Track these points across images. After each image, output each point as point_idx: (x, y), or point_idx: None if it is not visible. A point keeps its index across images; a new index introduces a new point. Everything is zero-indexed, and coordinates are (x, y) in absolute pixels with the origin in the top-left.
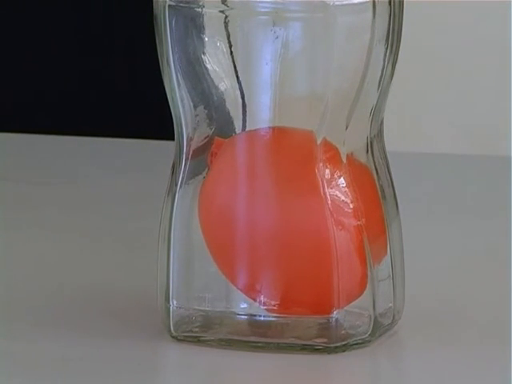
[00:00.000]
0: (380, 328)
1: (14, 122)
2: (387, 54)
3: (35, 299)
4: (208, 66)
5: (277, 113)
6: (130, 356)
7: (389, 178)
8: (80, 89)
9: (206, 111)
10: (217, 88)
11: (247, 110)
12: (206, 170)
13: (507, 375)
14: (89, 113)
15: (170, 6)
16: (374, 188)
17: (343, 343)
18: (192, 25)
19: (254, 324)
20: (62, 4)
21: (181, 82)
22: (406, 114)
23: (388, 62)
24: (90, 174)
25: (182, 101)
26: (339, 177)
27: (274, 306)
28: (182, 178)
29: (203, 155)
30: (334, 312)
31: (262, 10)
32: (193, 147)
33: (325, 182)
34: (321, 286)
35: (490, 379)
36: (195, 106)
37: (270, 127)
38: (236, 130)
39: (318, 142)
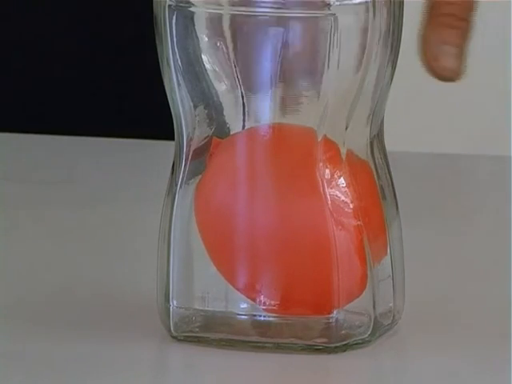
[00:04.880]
0: (380, 328)
1: (14, 122)
2: (387, 53)
3: (35, 299)
4: (208, 66)
5: (277, 113)
6: (129, 356)
7: (389, 178)
8: (80, 89)
9: (206, 111)
10: (217, 88)
11: (247, 110)
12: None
13: (507, 375)
14: (89, 113)
15: (169, 6)
16: (374, 188)
17: (343, 343)
18: (192, 25)
19: (254, 324)
20: (62, 3)
21: (181, 82)
22: (406, 113)
23: (388, 62)
24: (90, 174)
25: (181, 101)
26: (339, 177)
27: (274, 306)
28: (182, 178)
29: (203, 155)
30: (334, 312)
31: (262, 10)
32: (193, 147)
33: (325, 181)
34: (321, 285)
35: (490, 379)
36: (195, 106)
37: (268, 125)
38: (235, 130)
39: (319, 140)
